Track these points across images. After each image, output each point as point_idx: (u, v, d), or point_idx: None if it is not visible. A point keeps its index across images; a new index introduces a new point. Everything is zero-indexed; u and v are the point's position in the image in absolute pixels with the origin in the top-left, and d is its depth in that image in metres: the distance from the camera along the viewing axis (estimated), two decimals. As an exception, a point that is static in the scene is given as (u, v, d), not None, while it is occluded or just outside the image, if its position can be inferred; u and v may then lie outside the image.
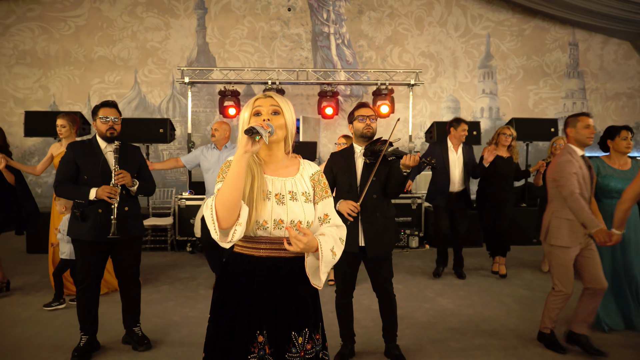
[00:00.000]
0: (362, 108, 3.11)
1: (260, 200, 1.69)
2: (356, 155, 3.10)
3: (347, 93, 9.11)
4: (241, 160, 1.55)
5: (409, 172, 2.90)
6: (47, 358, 3.22)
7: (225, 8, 8.86)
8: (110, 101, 3.23)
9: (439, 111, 9.31)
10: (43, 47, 8.63)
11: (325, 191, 1.83)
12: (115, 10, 8.68)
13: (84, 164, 3.10)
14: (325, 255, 1.66)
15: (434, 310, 4.20)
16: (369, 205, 3.00)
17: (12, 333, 3.65)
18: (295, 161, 1.86)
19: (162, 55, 8.81)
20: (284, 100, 1.77)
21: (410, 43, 9.22)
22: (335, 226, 1.81)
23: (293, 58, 9.01)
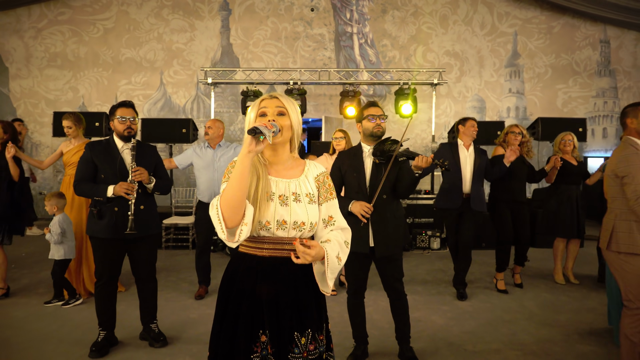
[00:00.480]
0: (372, 107, 3.08)
1: (264, 201, 1.70)
2: (365, 155, 3.07)
3: (370, 93, 9.06)
4: (245, 160, 1.55)
5: (420, 173, 2.86)
6: (67, 352, 3.30)
7: (249, 9, 8.94)
8: (127, 101, 3.29)
9: (464, 111, 9.16)
10: (73, 50, 8.87)
11: (330, 192, 1.83)
12: (142, 12, 8.86)
13: (101, 163, 3.17)
14: (332, 263, 1.67)
15: (452, 313, 4.12)
16: (379, 205, 2.97)
17: (35, 327, 3.75)
18: (300, 162, 1.85)
19: (187, 56, 8.95)
20: (289, 101, 1.77)
21: (434, 42, 9.11)
22: (340, 229, 1.81)
23: (316, 58, 9.02)
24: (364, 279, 3.16)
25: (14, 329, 3.71)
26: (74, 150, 4.50)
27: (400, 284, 3.12)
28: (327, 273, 1.67)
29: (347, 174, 3.08)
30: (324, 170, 1.87)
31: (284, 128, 1.72)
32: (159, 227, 3.42)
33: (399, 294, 3.13)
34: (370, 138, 3.04)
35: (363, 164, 3.05)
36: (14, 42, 8.86)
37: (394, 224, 3.02)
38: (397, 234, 3.03)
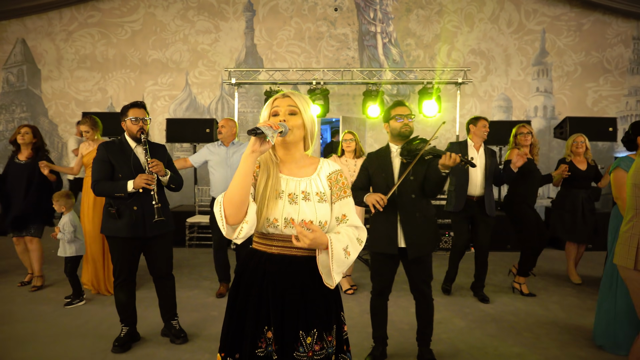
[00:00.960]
0: (399, 107, 3.04)
1: (272, 199, 1.72)
2: (393, 155, 3.05)
3: (394, 93, 9.00)
4: (248, 160, 1.59)
5: (447, 173, 2.81)
6: (92, 347, 3.38)
7: (273, 10, 8.98)
8: (139, 102, 3.32)
9: (490, 110, 9.00)
10: (102, 52, 9.08)
11: (344, 191, 1.82)
12: (169, 14, 9.00)
13: (118, 163, 3.21)
14: (337, 254, 1.65)
15: (474, 315, 4.06)
16: (408, 205, 2.94)
17: (62, 322, 3.86)
18: (314, 161, 1.86)
19: (212, 57, 9.05)
20: (302, 100, 1.78)
21: (459, 40, 8.98)
22: (354, 227, 1.79)
23: (339, 58, 9.01)
24: (390, 280, 3.12)
25: (42, 322, 3.83)
26: (93, 152, 4.55)
27: (427, 286, 3.09)
28: (331, 264, 1.64)
29: (374, 174, 3.07)
30: (338, 169, 1.86)
31: (294, 127, 1.73)
32: (171, 224, 3.45)
33: (425, 296, 3.10)
34: (398, 138, 3.01)
35: (391, 164, 3.02)
36: (46, 44, 9.13)
37: (424, 224, 2.97)
38: (427, 234, 2.99)
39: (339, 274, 1.69)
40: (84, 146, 4.83)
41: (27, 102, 9.21)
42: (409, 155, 2.90)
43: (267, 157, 1.79)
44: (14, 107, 9.23)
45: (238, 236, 1.64)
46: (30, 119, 9.19)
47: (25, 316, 3.97)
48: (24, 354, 3.25)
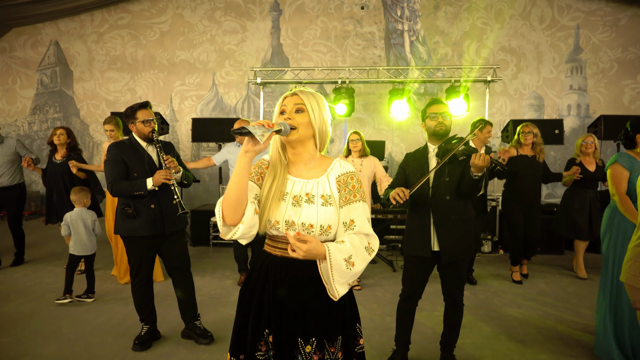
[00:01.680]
0: (434, 105, 2.94)
1: (276, 200, 1.67)
2: (430, 155, 2.94)
3: (421, 91, 8.85)
4: (241, 161, 1.55)
5: (480, 176, 2.67)
6: (113, 344, 3.41)
7: (299, 9, 8.97)
8: (146, 102, 3.27)
9: (520, 109, 8.76)
10: (131, 53, 9.25)
11: (354, 195, 1.69)
12: (196, 15, 9.09)
13: (131, 162, 3.21)
14: (337, 265, 1.55)
15: (500, 320, 3.93)
16: (442, 207, 2.83)
17: (86, 318, 3.92)
18: (325, 162, 1.76)
19: (239, 57, 9.10)
20: (311, 97, 1.71)
21: (489, 38, 8.77)
22: (364, 234, 1.65)
23: (366, 57, 8.92)
24: (422, 285, 3.00)
25: (67, 319, 3.90)
26: None
27: (460, 292, 2.97)
28: (331, 275, 1.55)
29: (411, 175, 2.96)
30: (349, 171, 1.74)
31: (300, 125, 1.66)
32: (187, 220, 3.51)
33: (456, 301, 2.98)
34: (434, 137, 2.90)
35: (428, 165, 2.91)
36: (78, 46, 9.35)
37: (461, 228, 2.84)
38: (465, 238, 2.85)
39: (343, 285, 1.59)
40: (106, 145, 4.92)
41: (60, 102, 9.46)
42: (445, 155, 2.80)
43: (276, 157, 1.74)
44: (48, 107, 9.49)
45: (233, 236, 1.61)
46: (62, 119, 9.44)
47: (52, 312, 4.05)
48: (48, 350, 3.30)
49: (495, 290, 4.74)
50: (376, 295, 4.57)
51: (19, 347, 3.33)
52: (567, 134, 8.43)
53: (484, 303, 4.36)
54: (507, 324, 3.86)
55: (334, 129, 9.07)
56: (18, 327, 3.70)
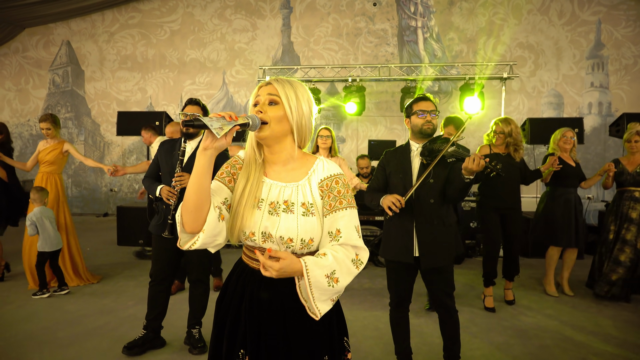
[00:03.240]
0: (422, 101, 2.76)
1: (249, 208, 1.46)
2: (413, 154, 2.77)
3: (435, 89, 8.62)
4: (199, 159, 1.35)
5: (472, 179, 2.50)
6: (107, 349, 3.29)
7: (310, 6, 8.81)
8: (193, 99, 3.22)
9: (539, 107, 8.47)
10: (142, 52, 9.20)
11: (340, 201, 1.46)
12: (206, 14, 9.01)
13: (163, 161, 3.23)
14: (316, 282, 1.35)
15: (513, 329, 3.71)
16: (425, 211, 2.66)
17: (85, 322, 3.81)
18: (308, 162, 1.53)
19: (249, 55, 8.98)
20: (288, 86, 1.47)
21: (506, 34, 8.50)
22: (351, 246, 1.44)
23: (378, 54, 8.72)
24: (408, 291, 2.84)
25: (63, 322, 3.79)
26: (48, 149, 4.84)
27: (450, 299, 2.78)
28: (310, 293, 1.36)
29: (392, 174, 2.80)
30: (334, 174, 1.50)
31: (273, 120, 1.43)
32: None
33: (448, 310, 2.79)
34: (419, 135, 2.73)
35: (410, 165, 2.75)
36: (89, 46, 9.34)
37: (442, 232, 2.68)
38: (446, 243, 2.69)
39: (325, 302, 1.39)
40: (41, 143, 4.91)
41: (72, 102, 9.46)
42: (430, 155, 2.62)
43: (251, 156, 1.52)
44: (60, 107, 9.50)
45: (192, 247, 1.42)
46: (74, 119, 9.44)
47: (50, 316, 3.96)
48: (40, 356, 3.19)
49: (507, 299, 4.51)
50: (383, 302, 4.38)
51: (11, 352, 3.23)
52: (588, 134, 8.11)
53: (497, 310, 4.14)
54: (521, 334, 3.63)
55: (346, 129, 8.89)
56: (13, 331, 3.61)
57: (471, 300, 4.43)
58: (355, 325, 3.78)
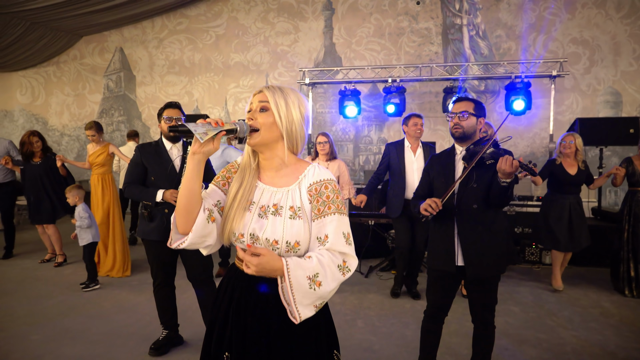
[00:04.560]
0: (455, 103, 2.65)
1: (240, 210, 1.49)
2: (457, 158, 2.66)
3: (481, 89, 8.32)
4: (189, 163, 1.42)
5: (509, 183, 2.34)
6: (133, 348, 3.39)
7: (352, 7, 8.75)
8: (173, 102, 3.25)
9: (594, 106, 7.98)
10: (189, 57, 9.47)
11: (328, 206, 1.46)
12: (250, 18, 9.14)
13: (150, 165, 3.18)
14: (297, 284, 1.35)
15: (550, 342, 3.49)
16: (468, 216, 2.53)
17: (115, 319, 3.95)
18: (299, 168, 1.55)
19: (291, 58, 9.04)
20: (278, 93, 1.49)
21: (558, 29, 8.06)
22: (338, 252, 1.43)
23: (422, 54, 8.53)
24: (447, 302, 2.72)
25: (98, 319, 3.95)
26: (97, 153, 5.32)
27: (490, 313, 2.63)
28: (291, 295, 1.35)
29: (435, 179, 2.70)
30: (324, 179, 1.50)
31: (263, 126, 1.46)
32: None
33: (485, 324, 2.64)
34: (456, 140, 2.64)
35: (454, 169, 2.63)
36: (140, 52, 9.72)
37: (489, 240, 2.53)
38: (494, 251, 2.53)
39: (308, 306, 1.38)
40: (90, 147, 5.44)
41: (124, 106, 9.89)
42: (471, 158, 2.49)
43: (247, 161, 1.57)
44: (113, 111, 9.95)
45: (180, 246, 1.47)
46: (126, 122, 9.86)
47: (87, 311, 4.13)
48: (71, 350, 3.34)
49: (550, 307, 4.26)
50: (415, 308, 4.26)
51: (44, 346, 3.40)
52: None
53: (534, 322, 3.92)
54: (558, 347, 3.42)
55: (388, 130, 8.75)
56: (51, 325, 3.80)
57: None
58: (382, 331, 3.70)
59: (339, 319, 3.94)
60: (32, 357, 3.21)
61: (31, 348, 3.36)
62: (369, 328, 3.76)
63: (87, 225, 4.67)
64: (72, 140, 10.28)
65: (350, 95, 7.23)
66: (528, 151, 8.15)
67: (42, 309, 4.16)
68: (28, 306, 4.23)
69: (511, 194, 2.41)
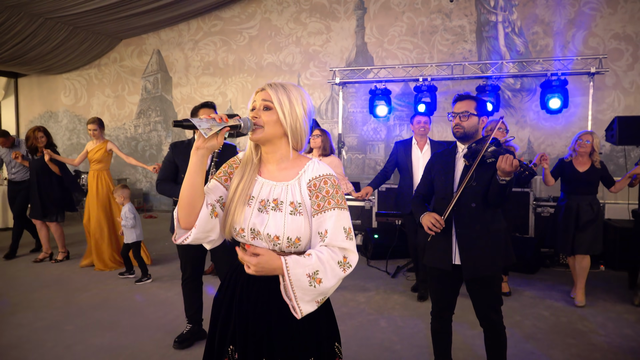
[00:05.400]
0: (456, 102, 2.61)
1: (241, 204, 1.51)
2: (458, 156, 2.62)
3: (517, 87, 8.11)
4: (192, 158, 1.45)
5: (507, 182, 2.31)
6: (160, 340, 3.48)
7: (384, 6, 8.70)
8: (208, 102, 3.31)
9: (638, 105, 7.64)
10: (223, 58, 9.65)
11: (328, 202, 1.46)
12: (283, 18, 9.23)
13: (181, 164, 3.26)
14: (297, 281, 1.36)
15: (579, 347, 3.37)
16: (466, 215, 2.50)
17: (146, 312, 4.07)
18: (300, 162, 1.56)
19: (323, 58, 9.07)
20: (281, 91, 1.50)
21: (599, 25, 7.76)
22: (338, 247, 1.43)
23: (455, 52, 8.39)
24: (449, 300, 2.68)
25: (129, 311, 4.09)
26: (95, 149, 5.46)
27: (496, 313, 2.57)
28: (292, 292, 1.37)
29: (436, 177, 2.67)
30: (323, 174, 1.50)
31: (267, 124, 1.48)
32: None
33: (494, 325, 2.59)
34: (458, 139, 2.62)
35: (454, 167, 2.60)
36: (177, 54, 9.98)
37: (487, 239, 2.49)
38: (492, 251, 2.49)
39: (310, 302, 1.39)
40: (89, 144, 5.57)
41: (161, 107, 10.17)
42: (472, 157, 2.46)
43: (248, 156, 1.58)
44: (150, 112, 10.25)
45: (185, 241, 1.51)
46: (162, 123, 10.14)
47: (120, 304, 4.28)
48: (101, 341, 3.47)
49: (581, 311, 4.11)
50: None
51: (76, 336, 3.54)
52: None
53: (565, 326, 3.79)
54: (587, 353, 3.30)
55: (420, 129, 8.64)
56: (83, 316, 3.95)
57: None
58: (404, 332, 3.67)
59: (362, 319, 3.93)
60: (64, 346, 3.36)
61: (63, 337, 3.51)
62: (392, 328, 3.73)
63: (131, 225, 4.86)
64: (111, 139, 10.63)
65: (381, 95, 7.19)
66: (566, 151, 7.86)
67: (77, 301, 4.33)
68: (65, 298, 4.42)
69: (509, 193, 2.37)
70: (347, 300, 4.41)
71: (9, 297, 4.43)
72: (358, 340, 3.50)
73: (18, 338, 3.49)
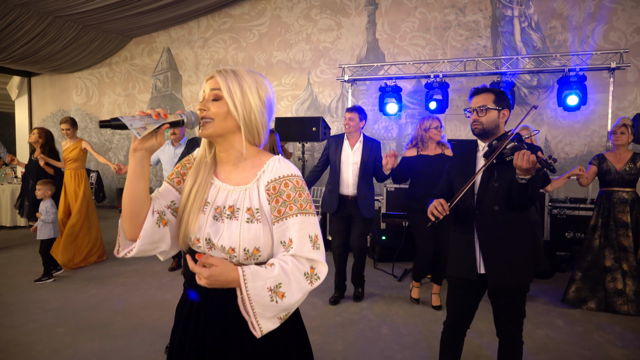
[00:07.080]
0: (473, 97, 2.40)
1: (195, 212, 1.33)
2: (478, 155, 2.42)
3: (533, 84, 7.81)
4: (130, 161, 1.27)
5: (528, 180, 2.08)
6: (151, 344, 3.37)
7: (396, 1, 8.47)
8: None
9: (661, 101, 7.29)
10: (232, 56, 9.54)
11: (289, 207, 1.28)
12: (292, 15, 9.07)
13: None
14: (255, 295, 1.19)
15: (595, 357, 3.15)
16: (489, 219, 2.29)
17: (141, 315, 3.96)
18: (259, 162, 1.37)
19: (333, 55, 8.88)
20: (232, 78, 1.30)
21: (620, 18, 7.43)
22: (305, 258, 1.26)
23: (469, 48, 8.12)
24: (469, 312, 2.46)
25: (122, 314, 3.97)
26: (70, 148, 5.42)
27: (516, 327, 2.37)
28: (250, 308, 1.19)
29: (455, 178, 2.46)
30: (285, 175, 1.32)
31: (217, 117, 1.29)
32: None
33: (511, 338, 2.38)
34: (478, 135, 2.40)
35: (475, 166, 2.39)
36: (186, 52, 9.90)
37: (514, 246, 2.28)
38: (519, 259, 2.28)
39: (271, 319, 1.22)
40: (63, 143, 5.54)
41: (171, 105, 10.10)
42: (491, 155, 2.24)
43: (202, 154, 1.40)
44: (160, 110, 10.18)
45: (129, 254, 1.31)
46: (172, 121, 10.07)
47: (114, 307, 4.17)
48: (90, 345, 3.36)
49: (598, 321, 3.87)
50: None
51: (66, 339, 3.44)
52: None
53: (580, 336, 3.56)
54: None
55: (432, 128, 8.40)
56: (77, 318, 3.85)
57: (551, 321, 3.88)
58: (406, 340, 3.48)
59: (364, 325, 3.75)
60: (52, 350, 3.25)
61: (53, 340, 3.41)
62: (394, 336, 3.55)
63: (51, 220, 4.81)
64: (122, 138, 10.64)
65: (391, 92, 7.00)
66: (585, 150, 7.57)
67: (73, 303, 4.24)
68: (62, 299, 4.33)
69: (533, 193, 2.14)
70: (350, 304, 4.24)
71: (7, 298, 4.36)
72: (357, 348, 3.33)
73: (7, 341, 3.40)
